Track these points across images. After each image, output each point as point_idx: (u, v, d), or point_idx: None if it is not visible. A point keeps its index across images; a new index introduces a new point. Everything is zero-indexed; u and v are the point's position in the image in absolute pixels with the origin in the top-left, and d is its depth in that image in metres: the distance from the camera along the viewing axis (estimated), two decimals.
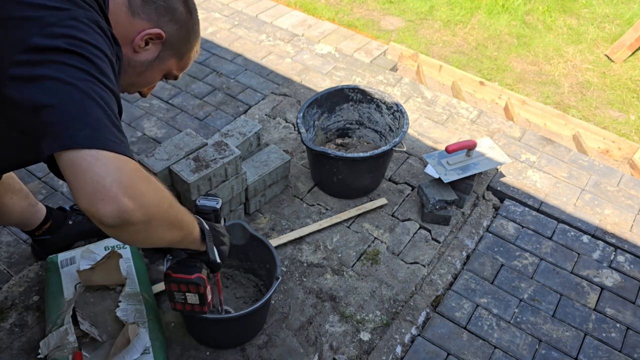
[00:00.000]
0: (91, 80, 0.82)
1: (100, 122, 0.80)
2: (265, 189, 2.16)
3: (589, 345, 1.81)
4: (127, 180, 0.78)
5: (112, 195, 0.76)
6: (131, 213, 0.78)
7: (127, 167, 0.79)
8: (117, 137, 0.81)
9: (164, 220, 0.89)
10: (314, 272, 1.97)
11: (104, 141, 0.78)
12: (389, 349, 1.74)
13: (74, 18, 0.85)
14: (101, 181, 0.75)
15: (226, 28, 3.37)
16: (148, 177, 0.85)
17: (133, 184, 0.79)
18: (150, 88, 1.20)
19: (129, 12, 1.01)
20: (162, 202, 0.87)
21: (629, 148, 2.78)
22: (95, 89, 0.82)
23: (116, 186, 0.76)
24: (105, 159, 0.77)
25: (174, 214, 0.94)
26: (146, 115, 2.66)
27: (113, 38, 0.93)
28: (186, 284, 1.16)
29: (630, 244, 2.16)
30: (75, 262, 1.76)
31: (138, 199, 0.79)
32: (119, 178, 0.77)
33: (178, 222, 0.97)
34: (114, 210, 0.76)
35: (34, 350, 1.64)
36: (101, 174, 0.76)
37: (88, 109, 0.79)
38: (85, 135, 0.77)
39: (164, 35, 1.05)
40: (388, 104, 2.28)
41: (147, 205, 0.81)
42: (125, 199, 0.77)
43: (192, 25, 1.12)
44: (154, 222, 0.85)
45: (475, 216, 2.24)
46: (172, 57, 1.12)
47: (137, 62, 1.07)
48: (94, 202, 0.76)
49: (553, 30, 3.88)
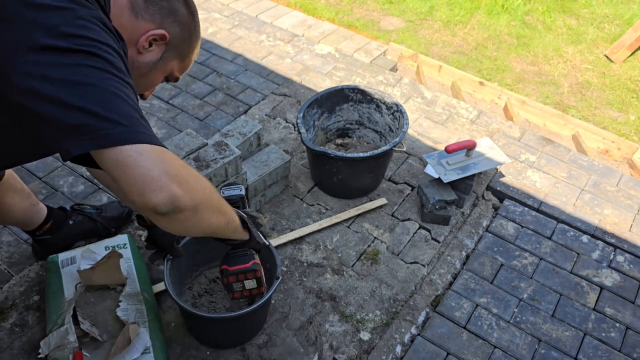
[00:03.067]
0: (109, 77, 0.83)
1: (129, 116, 0.82)
2: (265, 189, 2.17)
3: (588, 345, 1.81)
4: (172, 169, 0.82)
5: (162, 184, 0.80)
6: (181, 199, 0.82)
7: (168, 157, 0.83)
8: (147, 128, 0.84)
9: (209, 205, 0.93)
10: (314, 272, 1.98)
11: (138, 135, 0.81)
12: (388, 348, 1.75)
13: (81, 17, 0.85)
14: (149, 173, 0.79)
15: (226, 28, 3.37)
16: (186, 165, 0.89)
17: (177, 172, 0.83)
18: (151, 91, 1.20)
19: (132, 14, 1.02)
20: (205, 188, 0.92)
21: (628, 148, 2.78)
22: (116, 85, 0.83)
23: (164, 176, 0.80)
24: (147, 152, 0.80)
25: (216, 199, 0.99)
26: (146, 115, 2.66)
27: (118, 35, 0.94)
28: (244, 273, 1.22)
29: (629, 243, 2.16)
30: (76, 262, 1.77)
31: (184, 185, 0.83)
32: (165, 168, 0.81)
33: (222, 208, 1.02)
34: (166, 197, 0.80)
35: (35, 350, 1.64)
36: (148, 166, 0.79)
37: (115, 105, 0.81)
38: (119, 133, 0.79)
39: (167, 36, 1.06)
40: (388, 104, 2.28)
41: (193, 191, 0.86)
42: (175, 186, 0.81)
43: (194, 27, 1.13)
44: (201, 207, 0.89)
45: (475, 216, 2.24)
46: (175, 59, 1.12)
47: (141, 64, 1.07)
48: (147, 193, 0.79)
49: (553, 31, 3.88)
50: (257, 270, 1.22)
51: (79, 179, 2.26)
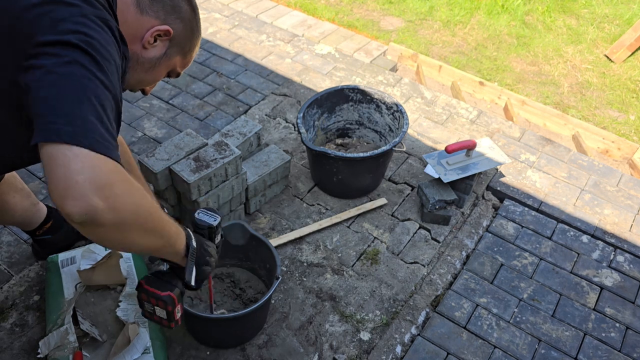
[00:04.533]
0: (90, 78, 0.83)
1: (87, 120, 0.80)
2: (266, 189, 2.16)
3: (588, 345, 1.81)
4: (102, 180, 0.77)
5: (83, 192, 0.75)
6: (100, 213, 0.77)
7: (106, 167, 0.78)
8: (103, 137, 0.81)
9: (139, 225, 0.87)
10: (314, 272, 1.98)
11: (88, 139, 0.78)
12: (388, 348, 1.75)
13: (84, 15, 0.87)
14: (74, 177, 0.75)
15: (226, 28, 3.37)
16: (129, 181, 0.83)
17: (108, 185, 0.78)
18: (152, 86, 1.22)
19: (137, 10, 1.05)
20: (140, 208, 0.85)
21: (628, 148, 2.78)
22: (92, 87, 0.83)
23: (89, 184, 0.75)
24: (84, 156, 0.76)
25: (152, 222, 0.91)
26: (146, 116, 2.66)
27: (121, 37, 0.95)
28: (155, 299, 1.13)
29: (629, 243, 2.16)
30: (76, 262, 1.77)
31: (111, 200, 0.78)
32: (94, 177, 0.76)
33: (157, 230, 0.95)
34: (82, 207, 0.75)
35: (34, 350, 1.64)
36: (76, 170, 0.75)
37: (80, 106, 0.80)
38: (69, 131, 0.77)
39: (172, 32, 1.08)
40: (388, 104, 2.28)
41: (120, 209, 0.80)
42: (96, 198, 0.76)
43: (196, 23, 1.16)
44: (127, 226, 0.84)
45: (475, 216, 2.24)
46: (178, 54, 1.15)
47: (146, 59, 1.10)
48: (64, 197, 0.75)
49: (553, 31, 3.88)
50: (169, 305, 1.12)
51: None
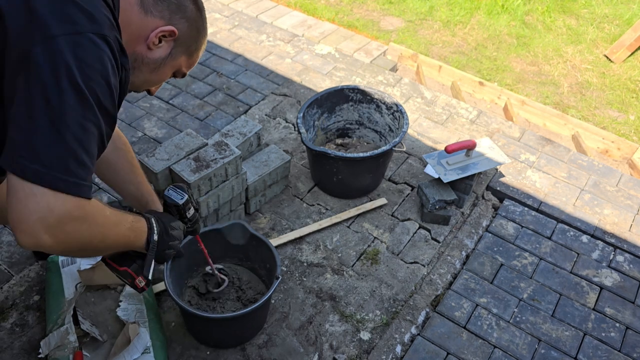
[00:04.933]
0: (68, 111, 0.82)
1: (55, 158, 0.82)
2: (266, 189, 2.17)
3: (588, 345, 1.81)
4: (53, 222, 0.83)
5: (33, 231, 0.82)
6: (48, 247, 0.84)
7: (61, 208, 0.83)
8: (69, 173, 0.83)
9: (87, 250, 0.96)
10: (314, 272, 1.98)
11: (49, 179, 0.82)
12: (388, 348, 1.75)
13: (79, 33, 0.84)
14: (28, 216, 0.81)
15: (226, 28, 3.37)
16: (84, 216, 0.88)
17: (58, 225, 0.83)
18: (158, 86, 1.22)
19: (141, 11, 1.03)
20: (91, 240, 0.92)
21: (628, 148, 2.78)
22: (68, 120, 0.83)
23: (40, 224, 0.82)
24: (42, 196, 0.81)
25: (103, 245, 0.99)
26: (147, 116, 2.66)
27: (120, 49, 0.93)
28: (115, 272, 1.21)
29: (629, 243, 2.16)
30: (76, 262, 1.77)
31: (60, 237, 0.84)
32: (46, 218, 0.82)
33: (109, 248, 1.04)
34: (30, 243, 0.83)
35: (35, 350, 1.64)
36: (30, 209, 0.81)
37: (49, 142, 0.82)
38: (33, 170, 0.81)
39: (176, 32, 1.07)
40: (388, 104, 2.29)
41: (68, 245, 0.87)
42: (45, 236, 0.83)
43: (202, 23, 1.15)
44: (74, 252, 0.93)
45: (475, 216, 2.24)
46: (183, 54, 1.14)
47: (151, 60, 1.08)
48: (17, 229, 0.82)
49: (552, 31, 3.89)
50: (127, 278, 1.21)
51: None
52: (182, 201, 1.35)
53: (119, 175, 1.38)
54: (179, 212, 1.36)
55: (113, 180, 1.40)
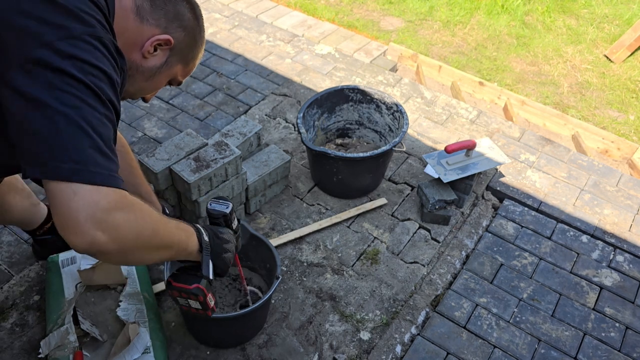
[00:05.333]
0: (82, 107, 0.82)
1: (84, 153, 0.81)
2: (266, 189, 2.17)
3: (588, 345, 1.81)
4: (102, 215, 0.81)
5: (85, 230, 0.80)
6: (104, 245, 0.82)
7: (105, 200, 0.81)
8: (101, 166, 0.83)
9: (143, 247, 0.92)
10: (314, 272, 1.98)
11: (86, 174, 0.80)
12: (388, 348, 1.75)
13: (74, 36, 0.84)
14: (76, 215, 0.79)
15: (226, 29, 3.38)
16: (130, 205, 0.86)
17: (108, 218, 0.81)
18: (153, 94, 1.20)
19: (137, 18, 1.01)
20: (143, 231, 0.90)
21: (628, 148, 2.78)
22: (85, 116, 0.82)
23: (90, 221, 0.80)
24: (84, 192, 0.80)
25: (158, 239, 0.96)
26: (147, 116, 2.66)
27: (117, 51, 0.92)
28: (186, 293, 1.18)
29: (629, 243, 2.16)
30: (76, 262, 1.77)
31: (112, 232, 0.82)
32: (94, 213, 0.80)
33: (164, 245, 0.99)
34: (86, 243, 0.81)
35: (35, 350, 1.64)
36: (77, 208, 0.79)
37: (74, 139, 0.81)
38: (67, 169, 0.79)
39: (172, 41, 1.06)
40: (388, 104, 2.29)
41: (123, 238, 0.85)
42: (99, 233, 0.80)
43: (199, 32, 1.13)
44: (132, 250, 0.89)
45: (475, 216, 2.25)
46: (179, 63, 1.12)
47: (146, 68, 1.07)
48: (68, 233, 0.80)
49: (552, 31, 3.89)
50: (199, 295, 1.18)
51: None
52: (228, 210, 1.30)
53: None
54: (225, 222, 1.31)
55: None
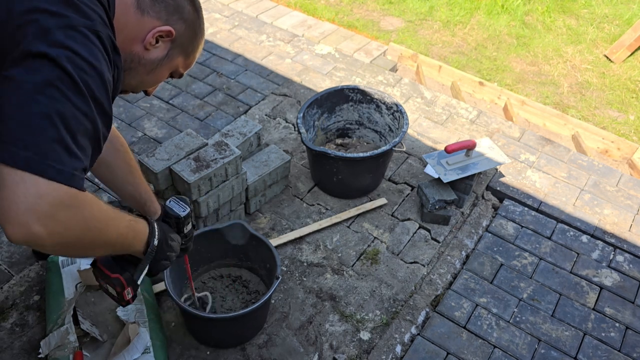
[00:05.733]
0: (60, 99, 0.81)
1: (47, 145, 0.80)
2: (266, 189, 2.17)
3: (588, 345, 1.81)
4: (45, 208, 0.79)
5: (22, 221, 0.77)
6: (40, 239, 0.80)
7: (52, 195, 0.79)
8: (62, 162, 0.81)
9: (84, 244, 0.91)
10: (314, 272, 1.98)
11: (41, 166, 0.78)
12: (388, 348, 1.75)
13: (72, 27, 0.84)
14: (16, 205, 0.77)
15: (226, 29, 3.37)
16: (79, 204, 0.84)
17: (50, 212, 0.79)
18: (155, 87, 1.21)
19: (138, 11, 1.02)
20: (87, 229, 0.88)
21: (628, 148, 2.78)
22: (60, 109, 0.81)
23: (29, 213, 0.77)
24: (31, 183, 0.78)
25: (102, 239, 0.94)
26: (147, 116, 2.66)
27: (113, 47, 0.92)
28: (106, 279, 1.16)
29: (629, 243, 2.16)
30: (76, 262, 1.77)
31: (52, 226, 0.80)
32: (36, 206, 0.78)
33: (108, 244, 0.99)
34: (22, 234, 0.78)
35: (35, 350, 1.64)
36: (19, 197, 0.77)
37: (40, 129, 0.79)
38: (24, 157, 0.78)
39: (174, 33, 1.07)
40: (388, 104, 2.29)
41: (62, 233, 0.83)
42: (36, 226, 0.78)
43: (199, 24, 1.15)
44: (70, 246, 0.87)
45: (475, 216, 2.25)
46: (180, 55, 1.14)
47: (148, 60, 1.08)
48: (6, 221, 0.78)
49: (552, 31, 3.89)
50: (117, 286, 1.16)
51: None
52: (184, 214, 1.30)
53: (117, 176, 1.38)
54: (177, 225, 1.32)
55: (111, 181, 1.40)
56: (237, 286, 1.87)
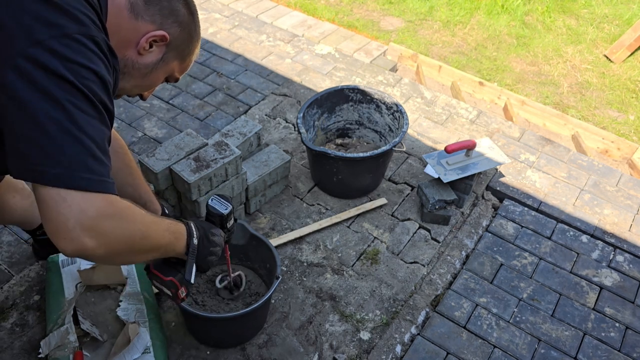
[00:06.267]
0: (73, 111, 0.82)
1: (74, 158, 0.82)
2: (266, 189, 2.17)
3: (588, 345, 1.82)
4: (90, 222, 0.82)
5: (73, 236, 0.81)
6: (92, 250, 0.84)
7: (93, 208, 0.83)
8: (91, 171, 0.83)
9: (131, 251, 0.94)
10: (314, 272, 1.98)
11: (75, 180, 0.81)
12: (388, 348, 1.75)
13: (67, 35, 0.83)
14: (64, 221, 0.81)
15: (226, 29, 3.38)
16: (119, 211, 0.87)
17: (96, 225, 0.83)
18: (150, 91, 1.20)
19: (131, 15, 1.01)
20: (132, 237, 0.91)
21: (628, 148, 2.78)
22: (76, 120, 0.82)
23: (78, 228, 0.81)
24: (72, 199, 0.81)
25: (146, 243, 0.97)
26: (147, 116, 2.66)
27: (109, 50, 0.91)
28: (160, 282, 1.21)
29: (629, 243, 2.16)
30: (76, 262, 1.77)
31: (100, 238, 0.84)
32: (82, 220, 0.81)
33: (152, 248, 1.01)
34: (74, 248, 0.82)
35: (35, 350, 1.64)
36: (65, 214, 0.80)
37: (63, 145, 0.81)
38: (56, 174, 0.80)
39: (168, 37, 1.05)
40: (388, 104, 2.29)
41: (111, 243, 0.86)
42: (87, 239, 0.82)
43: (194, 27, 1.13)
44: (119, 254, 0.91)
45: (475, 216, 2.25)
46: (175, 59, 1.12)
47: (142, 65, 1.06)
48: (56, 238, 0.82)
49: (552, 31, 3.89)
50: (171, 288, 1.21)
51: None
52: (227, 212, 1.34)
53: (117, 177, 1.37)
54: (220, 222, 1.35)
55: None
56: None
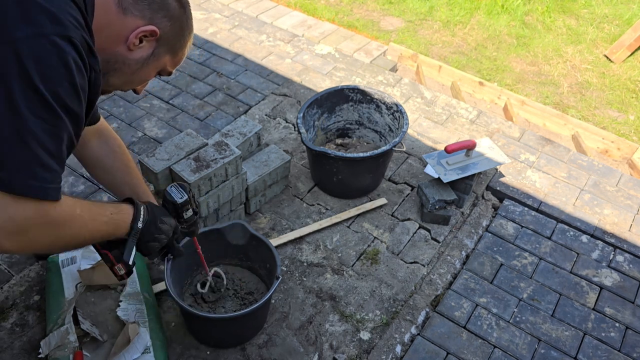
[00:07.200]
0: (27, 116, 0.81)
1: (21, 166, 0.83)
2: (266, 189, 2.17)
3: (588, 345, 1.82)
4: (15, 229, 0.85)
5: None
6: (9, 250, 0.87)
7: (22, 215, 0.84)
8: (35, 177, 0.84)
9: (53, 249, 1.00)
10: (314, 272, 1.98)
11: (15, 185, 0.82)
12: (388, 348, 1.75)
13: (42, 35, 0.82)
14: None
15: (226, 29, 3.38)
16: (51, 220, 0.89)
17: (21, 232, 0.86)
18: (143, 85, 1.18)
19: (119, 10, 0.98)
20: (59, 239, 0.93)
21: (628, 148, 2.78)
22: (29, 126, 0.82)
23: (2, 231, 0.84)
24: (6, 204, 0.82)
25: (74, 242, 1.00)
26: (147, 116, 2.66)
27: (89, 50, 0.90)
28: (97, 252, 1.23)
29: (629, 243, 2.16)
30: (76, 262, 1.77)
31: (21, 243, 0.87)
32: (6, 225, 0.84)
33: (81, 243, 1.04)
34: None
35: (35, 350, 1.64)
36: None
37: (13, 149, 0.81)
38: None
39: (158, 32, 1.03)
40: (388, 104, 2.29)
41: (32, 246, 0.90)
42: (6, 242, 0.85)
43: (186, 20, 1.10)
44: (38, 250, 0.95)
45: (475, 216, 2.25)
46: (167, 54, 1.10)
47: (132, 61, 1.05)
48: None
49: (552, 31, 3.89)
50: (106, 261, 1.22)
51: (79, 179, 2.26)
52: (181, 201, 1.34)
53: (115, 177, 1.38)
54: (175, 211, 1.35)
55: (109, 182, 1.39)
56: (237, 290, 1.87)
